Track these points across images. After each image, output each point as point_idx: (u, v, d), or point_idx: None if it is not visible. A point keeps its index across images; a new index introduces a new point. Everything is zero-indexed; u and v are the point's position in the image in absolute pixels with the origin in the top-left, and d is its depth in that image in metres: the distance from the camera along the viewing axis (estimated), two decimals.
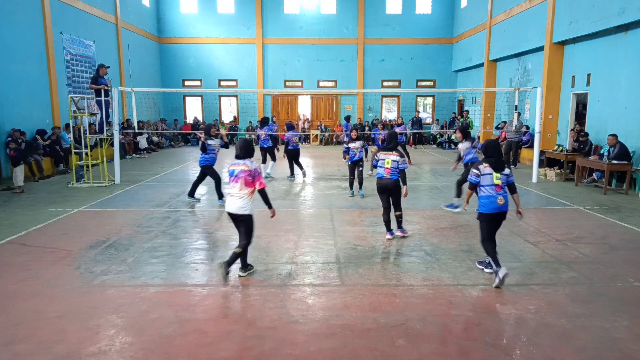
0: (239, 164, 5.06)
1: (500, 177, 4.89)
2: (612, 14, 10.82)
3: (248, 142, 5.21)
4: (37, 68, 13.13)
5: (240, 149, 5.09)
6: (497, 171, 4.90)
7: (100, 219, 7.68)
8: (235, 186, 5.02)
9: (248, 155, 5.10)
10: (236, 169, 5.05)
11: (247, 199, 5.02)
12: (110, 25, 17.89)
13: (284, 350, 3.57)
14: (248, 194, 5.02)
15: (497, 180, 4.87)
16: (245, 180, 4.99)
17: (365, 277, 5.08)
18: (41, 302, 4.40)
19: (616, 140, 10.01)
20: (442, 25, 23.30)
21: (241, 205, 5.00)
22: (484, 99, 19.22)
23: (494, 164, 4.92)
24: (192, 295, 4.62)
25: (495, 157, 4.97)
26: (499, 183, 4.87)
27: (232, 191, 5.05)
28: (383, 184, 6.33)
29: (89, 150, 11.02)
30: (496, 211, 4.89)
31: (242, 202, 5.00)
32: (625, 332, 3.85)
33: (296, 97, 24.14)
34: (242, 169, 5.00)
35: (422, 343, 3.67)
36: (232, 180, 5.06)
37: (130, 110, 16.64)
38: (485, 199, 4.91)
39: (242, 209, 5.01)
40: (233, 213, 5.04)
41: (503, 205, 4.88)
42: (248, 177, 4.99)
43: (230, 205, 5.05)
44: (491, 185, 4.87)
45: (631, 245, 6.26)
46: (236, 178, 5.02)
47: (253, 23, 22.94)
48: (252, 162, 5.06)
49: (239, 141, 5.19)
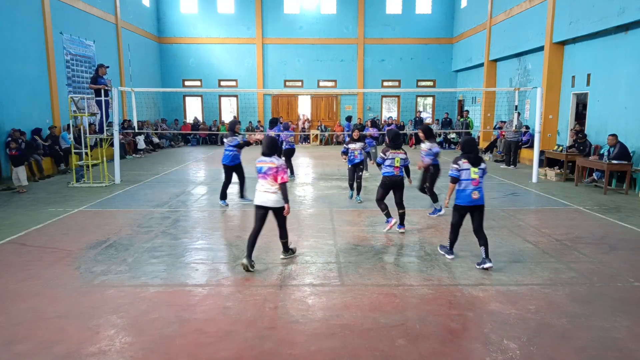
0: (265, 161, 5.34)
1: (478, 171, 5.23)
2: (612, 14, 10.83)
3: (274, 139, 5.50)
4: (37, 68, 13.13)
5: (267, 146, 5.37)
6: (475, 166, 5.25)
7: (100, 219, 7.68)
8: (266, 182, 5.32)
9: (274, 152, 5.40)
10: (264, 166, 5.33)
11: (280, 192, 5.32)
12: (110, 25, 17.89)
13: (284, 350, 3.57)
14: (279, 187, 5.32)
15: (475, 174, 5.21)
16: (274, 176, 5.28)
17: (365, 277, 5.08)
18: (41, 302, 4.40)
19: (616, 140, 10.01)
20: (442, 25, 23.31)
21: (277, 199, 5.30)
22: (484, 99, 19.22)
23: (472, 159, 5.26)
24: (192, 295, 4.62)
25: (473, 153, 5.29)
26: (476, 177, 5.20)
27: (264, 187, 5.32)
28: (394, 181, 6.68)
29: (89, 150, 11.02)
30: (471, 204, 5.27)
31: (277, 196, 5.30)
32: (625, 332, 3.85)
33: (296, 97, 24.15)
34: (269, 166, 5.30)
35: (422, 343, 3.67)
36: (261, 177, 5.35)
37: (130, 110, 16.65)
38: (462, 192, 5.28)
39: (279, 202, 5.32)
40: (269, 207, 5.33)
41: (478, 199, 5.24)
42: (275, 173, 5.28)
43: (263, 199, 5.32)
44: (468, 179, 5.22)
45: (631, 245, 6.26)
46: (265, 175, 5.32)
47: (253, 23, 22.95)
48: (278, 159, 5.36)
49: (266, 138, 5.48)
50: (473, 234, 5.31)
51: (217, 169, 14.13)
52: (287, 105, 24.08)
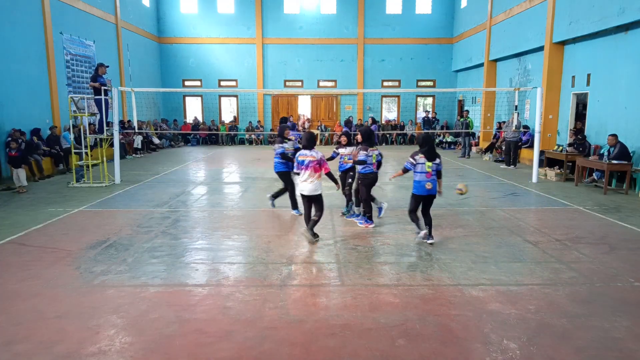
0: (307, 154, 6.12)
1: (432, 165, 5.96)
2: (612, 14, 10.83)
3: (313, 135, 6.27)
4: (37, 68, 13.13)
5: (307, 140, 6.16)
6: (430, 161, 5.96)
7: (100, 219, 7.68)
8: (307, 173, 6.10)
9: (313, 146, 6.15)
10: (305, 159, 6.11)
11: (317, 182, 6.14)
12: (110, 25, 17.89)
13: (284, 350, 3.57)
14: (317, 177, 6.13)
15: (429, 168, 5.96)
16: (314, 168, 6.07)
17: (365, 277, 5.08)
18: (41, 302, 4.40)
19: (616, 140, 10.01)
20: (442, 25, 23.31)
21: (314, 188, 6.12)
22: (484, 99, 19.23)
23: (427, 154, 5.98)
24: (192, 295, 4.62)
25: (428, 148, 5.99)
26: (429, 170, 5.96)
27: (304, 177, 6.12)
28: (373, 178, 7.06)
29: (89, 150, 11.02)
30: (425, 194, 6.06)
31: (314, 185, 6.11)
32: (625, 332, 3.85)
33: (296, 97, 24.16)
34: (310, 160, 6.08)
35: (422, 343, 3.67)
36: (303, 169, 6.11)
37: (130, 110, 16.65)
38: (417, 183, 6.04)
39: (316, 191, 6.14)
40: (308, 195, 6.14)
41: (431, 189, 6.02)
42: (316, 165, 6.07)
43: (304, 188, 6.14)
44: (423, 172, 5.96)
45: (631, 245, 6.26)
46: (306, 167, 6.09)
47: (253, 23, 22.95)
48: (317, 152, 6.13)
49: (305, 134, 6.27)
50: (472, 235, 5.34)
51: (217, 169, 14.14)
52: (287, 106, 24.08)
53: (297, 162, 6.21)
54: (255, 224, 7.41)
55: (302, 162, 6.09)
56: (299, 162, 6.16)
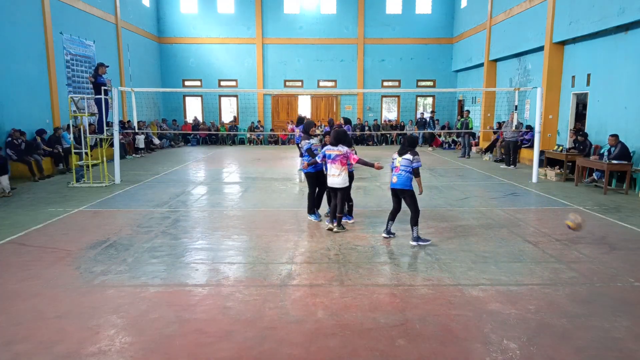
0: (333, 149, 6.63)
1: (401, 160, 6.20)
2: (612, 14, 10.83)
3: (340, 132, 6.73)
4: (37, 68, 13.13)
5: (334, 137, 6.65)
6: (400, 156, 6.25)
7: (100, 219, 7.68)
8: (334, 166, 6.63)
9: (339, 142, 6.63)
10: (332, 153, 6.64)
11: (344, 175, 6.67)
12: (110, 25, 17.89)
13: (284, 350, 3.57)
14: (344, 170, 6.65)
15: (398, 163, 6.23)
16: (340, 161, 6.61)
17: (365, 277, 5.08)
18: (41, 302, 4.40)
19: (617, 140, 10.00)
20: (442, 25, 23.31)
21: (341, 181, 6.66)
22: (484, 99, 19.23)
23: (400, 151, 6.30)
24: (192, 295, 4.62)
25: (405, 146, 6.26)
26: (398, 165, 6.23)
27: (332, 171, 6.66)
28: None
29: (89, 150, 11.02)
30: (391, 186, 6.37)
31: (341, 178, 6.64)
32: (625, 332, 3.85)
33: (296, 97, 24.15)
34: (337, 154, 6.60)
35: (422, 343, 3.67)
36: (331, 162, 6.66)
37: (130, 110, 16.64)
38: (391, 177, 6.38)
39: (343, 184, 6.68)
40: (336, 187, 6.70)
41: (395, 183, 6.24)
42: (343, 158, 6.61)
43: (332, 181, 6.69)
44: (393, 167, 6.31)
45: (631, 245, 6.26)
46: (333, 160, 6.63)
47: (253, 23, 22.95)
48: (343, 147, 6.62)
49: (333, 132, 6.77)
50: (472, 235, 5.34)
51: (216, 169, 14.14)
52: (287, 106, 24.09)
53: (325, 155, 6.72)
54: (255, 224, 7.41)
55: (330, 156, 6.64)
56: (326, 156, 6.69)
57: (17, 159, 11.36)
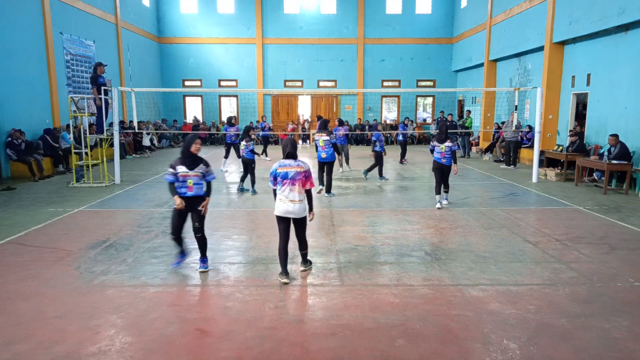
0: (292, 165, 4.84)
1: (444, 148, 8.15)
2: (612, 14, 10.83)
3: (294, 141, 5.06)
4: (37, 68, 13.13)
5: (293, 147, 4.92)
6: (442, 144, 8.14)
7: (100, 219, 7.68)
8: (294, 189, 4.80)
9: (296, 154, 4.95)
10: (290, 171, 4.81)
11: (305, 200, 4.93)
12: (110, 25, 17.89)
13: (284, 350, 3.57)
14: (304, 195, 4.92)
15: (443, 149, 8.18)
16: (302, 182, 4.85)
17: (365, 277, 5.08)
18: (41, 302, 4.40)
19: (617, 140, 10.00)
20: (442, 25, 23.31)
21: (304, 208, 4.90)
22: (484, 99, 19.22)
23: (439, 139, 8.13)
24: (192, 295, 4.62)
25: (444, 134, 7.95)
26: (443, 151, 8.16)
27: (291, 195, 4.80)
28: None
29: (89, 150, 11.01)
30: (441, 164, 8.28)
31: (303, 205, 4.88)
32: (625, 332, 3.85)
33: (296, 97, 24.15)
34: (297, 171, 4.82)
35: (422, 343, 3.67)
36: (289, 184, 4.80)
37: (130, 110, 16.64)
38: None
39: (305, 212, 4.93)
40: (295, 217, 4.89)
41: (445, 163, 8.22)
42: (304, 178, 4.86)
43: (288, 209, 4.82)
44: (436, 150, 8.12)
45: (631, 245, 6.26)
46: (293, 181, 4.80)
47: (253, 23, 22.95)
48: (304, 162, 4.92)
49: (289, 140, 4.97)
50: (472, 235, 5.33)
51: (216, 168, 14.12)
52: (287, 105, 24.09)
53: (277, 175, 4.86)
54: (255, 224, 7.41)
55: (286, 175, 4.80)
56: (280, 175, 4.83)
57: (17, 159, 11.38)
